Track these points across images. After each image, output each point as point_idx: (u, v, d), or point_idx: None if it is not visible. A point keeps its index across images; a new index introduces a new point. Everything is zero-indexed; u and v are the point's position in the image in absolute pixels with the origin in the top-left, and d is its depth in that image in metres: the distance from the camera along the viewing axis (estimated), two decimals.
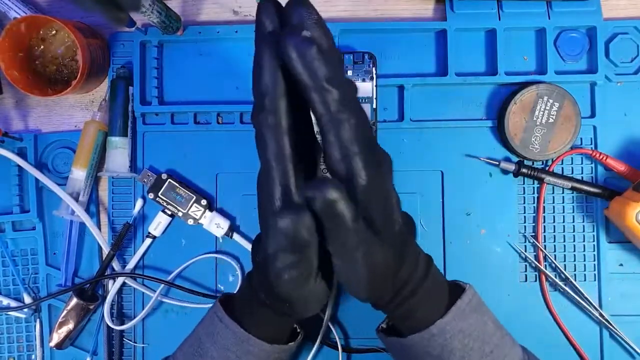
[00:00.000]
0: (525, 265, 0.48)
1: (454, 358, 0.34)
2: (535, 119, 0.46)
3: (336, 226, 0.28)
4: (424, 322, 0.34)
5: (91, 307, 0.48)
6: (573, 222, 0.48)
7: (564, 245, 0.48)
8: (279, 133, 0.27)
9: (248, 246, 0.48)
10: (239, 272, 0.48)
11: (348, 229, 0.28)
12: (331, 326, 0.47)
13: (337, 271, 0.31)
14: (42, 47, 0.48)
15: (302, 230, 0.27)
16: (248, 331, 0.36)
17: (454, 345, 0.34)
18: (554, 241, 0.48)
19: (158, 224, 0.48)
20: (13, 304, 0.49)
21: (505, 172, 0.48)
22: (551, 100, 0.46)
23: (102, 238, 0.48)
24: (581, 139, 0.48)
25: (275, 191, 0.28)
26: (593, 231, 0.48)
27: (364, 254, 0.29)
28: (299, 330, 0.42)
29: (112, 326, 0.48)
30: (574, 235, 0.48)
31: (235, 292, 0.43)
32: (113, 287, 0.48)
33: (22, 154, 0.50)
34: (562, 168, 0.48)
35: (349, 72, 0.46)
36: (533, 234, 0.48)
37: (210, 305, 0.47)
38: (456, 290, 0.36)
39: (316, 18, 0.28)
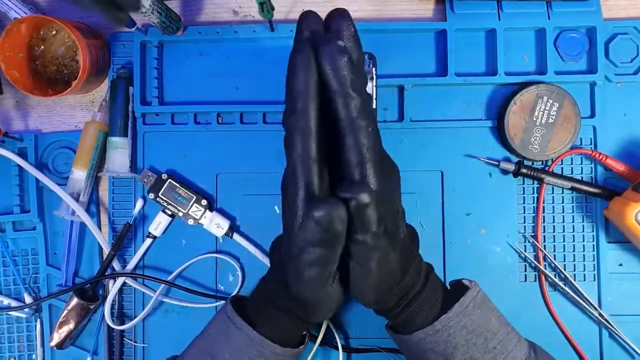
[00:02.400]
0: (525, 265, 0.48)
1: (457, 353, 0.34)
2: (535, 119, 0.46)
3: (363, 228, 0.29)
4: (424, 325, 0.35)
5: (92, 307, 0.48)
6: (573, 222, 0.48)
7: (564, 245, 0.48)
8: (307, 135, 0.28)
9: (248, 246, 0.48)
10: (239, 272, 0.49)
11: (372, 232, 0.29)
12: (331, 326, 0.47)
13: (352, 275, 0.32)
14: (42, 47, 0.48)
15: (336, 221, 0.28)
16: (261, 334, 0.36)
17: (457, 340, 0.34)
18: (554, 241, 0.48)
19: (158, 224, 0.48)
20: (14, 303, 0.49)
21: (505, 172, 0.48)
22: (551, 101, 0.46)
23: (102, 238, 0.48)
24: (581, 139, 0.48)
25: (300, 192, 0.29)
26: (593, 231, 0.48)
27: (378, 259, 0.31)
28: (304, 332, 0.42)
29: (113, 326, 0.48)
30: (573, 235, 0.48)
31: (248, 294, 0.43)
32: (113, 287, 0.48)
33: (22, 154, 0.50)
34: (562, 168, 0.48)
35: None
36: (533, 234, 0.48)
37: (210, 305, 0.48)
38: (460, 288, 0.37)
39: (353, 31, 0.31)
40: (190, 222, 0.48)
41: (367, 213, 0.29)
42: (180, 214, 0.48)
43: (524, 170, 0.47)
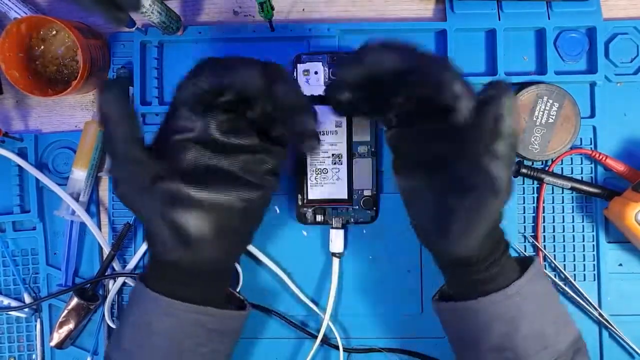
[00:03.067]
0: None
1: (525, 322, 0.34)
2: (535, 119, 0.46)
3: (502, 134, 0.31)
4: (505, 282, 0.34)
5: (92, 307, 0.48)
6: (573, 222, 0.48)
7: (564, 245, 0.48)
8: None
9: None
10: (239, 272, 0.48)
11: (512, 139, 0.31)
12: (332, 326, 0.47)
13: (454, 206, 0.32)
14: (42, 47, 0.48)
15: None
16: (160, 291, 0.36)
17: (527, 307, 0.34)
18: (554, 241, 0.48)
19: None
20: (13, 303, 0.49)
21: None
22: (551, 101, 0.46)
23: (102, 238, 0.48)
24: (581, 139, 0.48)
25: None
26: (592, 231, 0.48)
27: (508, 178, 0.31)
28: (246, 305, 0.42)
29: (113, 326, 0.48)
30: (573, 236, 0.48)
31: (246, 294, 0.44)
32: (114, 287, 0.49)
33: (22, 154, 0.50)
34: (562, 168, 0.48)
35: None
36: (533, 234, 0.48)
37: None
38: (525, 261, 0.37)
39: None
40: None
41: (513, 116, 0.30)
42: None
43: (524, 170, 0.47)
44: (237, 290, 0.48)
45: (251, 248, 0.48)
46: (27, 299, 0.49)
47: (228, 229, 0.36)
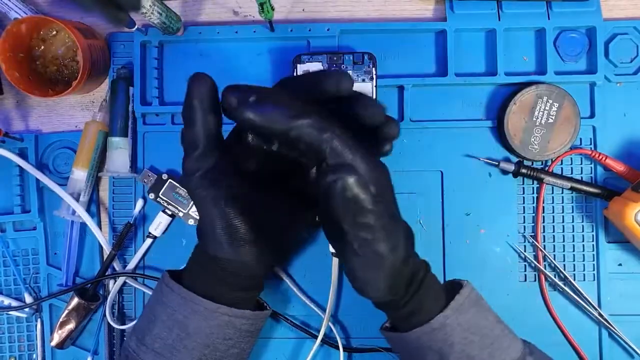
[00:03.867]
0: (525, 265, 0.48)
1: (454, 352, 0.35)
2: (534, 119, 0.46)
3: (361, 210, 0.29)
4: (428, 316, 0.35)
5: (92, 306, 0.48)
6: (572, 222, 0.48)
7: (563, 245, 0.48)
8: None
9: None
10: None
11: (372, 211, 0.29)
12: (332, 325, 0.47)
13: (358, 266, 0.32)
14: (42, 47, 0.48)
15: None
16: (193, 291, 0.36)
17: (454, 339, 0.35)
18: (554, 241, 0.48)
19: (158, 224, 0.48)
20: (14, 303, 0.50)
21: (504, 172, 0.48)
22: (551, 101, 0.46)
23: (103, 238, 0.48)
24: (580, 139, 0.48)
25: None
26: (592, 231, 0.48)
27: (387, 239, 0.31)
28: (267, 306, 0.43)
29: (114, 325, 0.48)
30: (573, 235, 0.48)
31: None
32: (114, 286, 0.49)
33: (23, 154, 0.50)
34: (562, 168, 0.48)
35: (349, 72, 0.46)
36: (532, 234, 0.48)
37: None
38: (454, 287, 0.37)
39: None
40: (190, 222, 0.48)
41: (357, 194, 0.28)
42: (181, 214, 0.48)
43: (524, 171, 0.47)
44: None
45: None
46: (28, 299, 0.49)
47: (272, 241, 0.38)
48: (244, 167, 0.36)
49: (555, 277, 0.48)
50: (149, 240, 0.49)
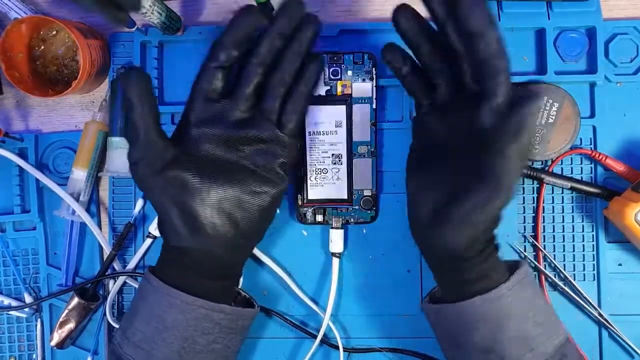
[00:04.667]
0: None
1: (510, 325, 0.34)
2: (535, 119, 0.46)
3: (516, 135, 0.31)
4: (492, 284, 0.35)
5: (92, 306, 0.48)
6: (572, 222, 0.48)
7: (564, 245, 0.48)
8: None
9: None
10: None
11: (528, 149, 0.32)
12: (332, 325, 0.47)
13: (473, 196, 0.33)
14: (42, 47, 0.48)
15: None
16: (167, 283, 0.36)
17: (512, 311, 0.35)
18: (554, 241, 0.48)
19: None
20: (14, 303, 0.49)
21: None
22: (551, 101, 0.46)
23: (103, 238, 0.48)
24: (581, 139, 0.48)
25: None
26: (592, 231, 0.48)
27: (514, 178, 0.32)
28: (255, 304, 0.42)
29: (114, 325, 0.48)
30: (573, 235, 0.48)
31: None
32: (114, 286, 0.49)
33: (22, 154, 0.50)
34: (562, 168, 0.48)
35: (349, 72, 0.47)
36: (532, 234, 0.48)
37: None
38: (511, 266, 0.37)
39: None
40: None
41: (530, 126, 0.31)
42: None
43: (524, 170, 0.47)
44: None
45: None
46: (28, 299, 0.49)
47: (238, 223, 0.37)
48: (195, 152, 0.37)
49: (555, 277, 0.48)
50: (148, 240, 0.49)
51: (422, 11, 0.36)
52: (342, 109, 0.46)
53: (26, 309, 0.49)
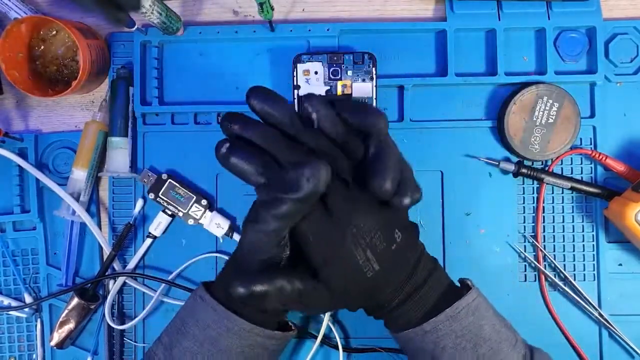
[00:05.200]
0: (525, 265, 0.48)
1: (445, 355, 0.35)
2: (535, 119, 0.46)
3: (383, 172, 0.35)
4: (423, 319, 0.35)
5: (92, 306, 0.48)
6: (572, 222, 0.48)
7: (564, 245, 0.48)
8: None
9: None
10: None
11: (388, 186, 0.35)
12: (331, 325, 0.47)
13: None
14: (42, 47, 0.48)
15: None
16: (222, 304, 0.36)
17: (445, 343, 0.35)
18: (554, 241, 0.48)
19: (158, 224, 0.48)
20: (14, 303, 0.49)
21: (504, 172, 0.48)
22: (551, 101, 0.46)
23: (102, 238, 0.48)
24: (581, 139, 0.48)
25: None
26: (592, 231, 0.48)
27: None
28: (292, 326, 0.42)
29: (113, 326, 0.48)
30: (573, 235, 0.48)
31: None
32: (114, 286, 0.49)
33: (22, 154, 0.50)
34: (562, 168, 0.48)
35: (349, 72, 0.47)
36: (532, 234, 0.48)
37: None
38: (463, 288, 0.37)
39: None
40: (190, 222, 0.48)
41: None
42: (181, 214, 0.48)
43: (524, 171, 0.47)
44: None
45: None
46: (28, 299, 0.49)
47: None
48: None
49: (555, 277, 0.48)
50: (148, 240, 0.49)
51: None
52: None
53: (26, 309, 0.49)
